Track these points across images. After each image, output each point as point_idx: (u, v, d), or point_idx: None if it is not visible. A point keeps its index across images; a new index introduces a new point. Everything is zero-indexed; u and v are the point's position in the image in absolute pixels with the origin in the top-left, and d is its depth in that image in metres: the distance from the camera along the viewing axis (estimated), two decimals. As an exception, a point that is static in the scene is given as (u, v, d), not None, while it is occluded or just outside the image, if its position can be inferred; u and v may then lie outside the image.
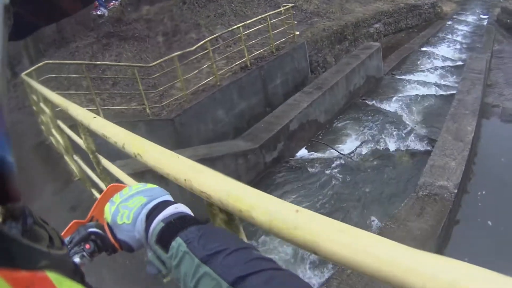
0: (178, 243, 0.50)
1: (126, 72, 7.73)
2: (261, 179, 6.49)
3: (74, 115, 1.85)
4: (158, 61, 6.91)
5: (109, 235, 0.59)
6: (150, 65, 6.83)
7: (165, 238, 0.52)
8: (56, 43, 10.84)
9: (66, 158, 3.73)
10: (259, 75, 8.09)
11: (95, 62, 6.66)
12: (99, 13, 10.22)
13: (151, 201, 0.58)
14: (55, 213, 3.60)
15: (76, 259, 0.60)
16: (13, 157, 0.27)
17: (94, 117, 1.54)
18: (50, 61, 6.61)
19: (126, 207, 0.58)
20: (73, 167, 3.71)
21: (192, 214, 0.59)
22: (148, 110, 6.43)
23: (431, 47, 12.97)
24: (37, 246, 0.32)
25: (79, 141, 2.43)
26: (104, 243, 0.62)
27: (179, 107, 6.76)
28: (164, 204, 0.58)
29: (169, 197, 0.60)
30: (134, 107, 6.67)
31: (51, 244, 0.36)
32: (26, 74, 5.19)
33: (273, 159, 6.77)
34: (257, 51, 8.29)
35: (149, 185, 0.62)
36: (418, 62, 11.68)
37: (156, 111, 6.66)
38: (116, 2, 10.27)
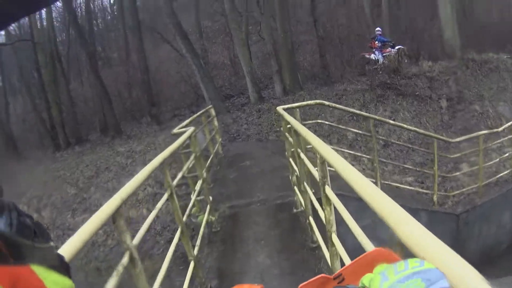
0: None
1: (401, 135, 7.01)
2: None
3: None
4: (462, 138, 5.80)
5: None
6: (453, 140, 5.78)
7: None
8: (318, 79, 11.08)
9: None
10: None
11: (386, 120, 5.59)
12: (372, 57, 9.95)
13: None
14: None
15: None
16: None
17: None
18: (326, 103, 5.06)
19: None
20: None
21: None
22: (435, 198, 5.38)
23: None
24: (22, 239, 0.33)
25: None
26: None
27: (467, 200, 5.51)
28: None
29: (446, 283, 0.48)
30: (418, 189, 5.72)
31: (36, 238, 0.36)
32: (285, 109, 4.12)
33: None
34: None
35: (427, 265, 0.52)
36: None
37: (438, 197, 5.58)
38: (393, 50, 9.77)
